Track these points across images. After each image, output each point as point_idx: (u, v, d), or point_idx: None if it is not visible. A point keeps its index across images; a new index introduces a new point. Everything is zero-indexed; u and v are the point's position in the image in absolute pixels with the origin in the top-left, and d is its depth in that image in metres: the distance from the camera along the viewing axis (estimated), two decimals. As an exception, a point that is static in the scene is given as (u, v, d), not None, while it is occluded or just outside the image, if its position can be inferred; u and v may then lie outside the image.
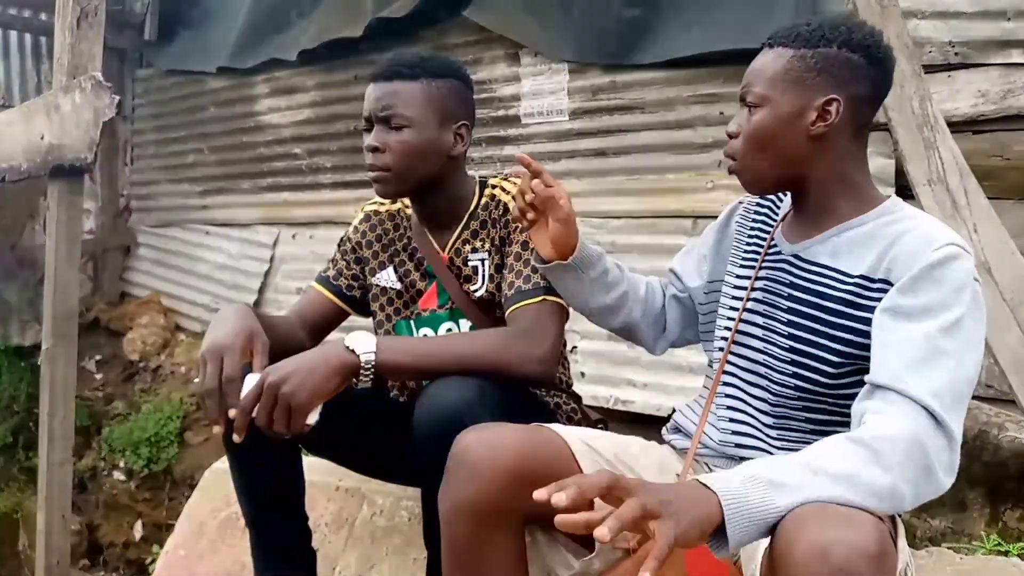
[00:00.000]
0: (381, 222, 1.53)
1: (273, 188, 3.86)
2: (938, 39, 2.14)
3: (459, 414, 1.11)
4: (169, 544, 2.11)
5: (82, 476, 3.84)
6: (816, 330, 1.07)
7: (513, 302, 1.32)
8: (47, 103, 2.76)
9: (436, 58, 1.42)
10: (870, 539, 0.76)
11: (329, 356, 1.18)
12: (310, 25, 3.47)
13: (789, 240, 1.15)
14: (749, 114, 1.08)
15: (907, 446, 0.86)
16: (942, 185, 1.95)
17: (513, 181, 1.44)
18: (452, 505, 1.02)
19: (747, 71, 1.11)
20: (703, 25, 2.42)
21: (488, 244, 1.42)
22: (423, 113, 1.34)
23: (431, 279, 1.47)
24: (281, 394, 1.13)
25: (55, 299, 2.72)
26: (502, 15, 2.86)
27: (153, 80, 4.41)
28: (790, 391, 1.09)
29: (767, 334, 1.13)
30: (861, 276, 1.04)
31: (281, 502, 1.41)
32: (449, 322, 1.46)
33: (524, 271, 1.33)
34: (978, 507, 1.86)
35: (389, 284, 1.50)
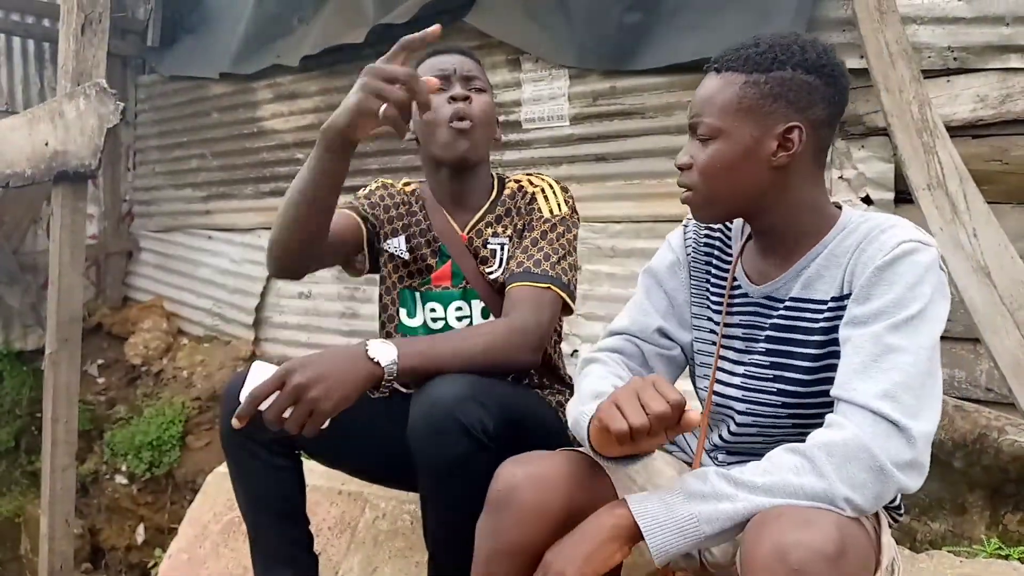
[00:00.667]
0: (396, 195, 1.56)
1: (275, 193, 3.87)
2: (937, 44, 2.15)
3: (451, 411, 1.12)
4: (172, 548, 2.12)
5: (84, 480, 3.84)
6: (800, 367, 1.04)
7: (518, 279, 1.35)
8: (51, 109, 2.78)
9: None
10: (828, 540, 0.77)
11: (357, 366, 1.16)
12: (312, 31, 3.49)
13: (755, 280, 1.10)
14: (702, 145, 1.02)
15: (846, 451, 0.86)
16: (941, 190, 1.96)
17: (541, 176, 1.52)
18: (495, 547, 0.98)
19: (694, 99, 1.03)
20: (702, 30, 2.44)
21: (511, 230, 1.46)
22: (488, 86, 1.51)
23: (444, 258, 1.49)
24: (308, 398, 1.11)
25: (59, 304, 2.73)
26: (503, 21, 2.87)
27: (156, 86, 4.43)
28: (788, 429, 1.07)
29: (748, 381, 1.10)
30: (832, 299, 1.01)
31: (282, 507, 1.41)
32: (460, 301, 1.48)
33: (537, 256, 1.36)
34: (978, 510, 1.86)
35: (398, 252, 1.51)
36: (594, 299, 2.78)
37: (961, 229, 1.92)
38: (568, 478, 0.98)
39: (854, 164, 2.30)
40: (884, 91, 2.03)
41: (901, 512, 1.13)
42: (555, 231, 1.41)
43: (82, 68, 2.59)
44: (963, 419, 1.90)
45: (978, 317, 1.85)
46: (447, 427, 1.11)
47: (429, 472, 1.16)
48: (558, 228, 1.41)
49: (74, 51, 2.58)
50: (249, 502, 1.41)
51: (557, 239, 1.40)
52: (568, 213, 1.44)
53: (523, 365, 1.30)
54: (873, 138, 2.27)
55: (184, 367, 4.04)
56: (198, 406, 3.80)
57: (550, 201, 1.45)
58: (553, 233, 1.40)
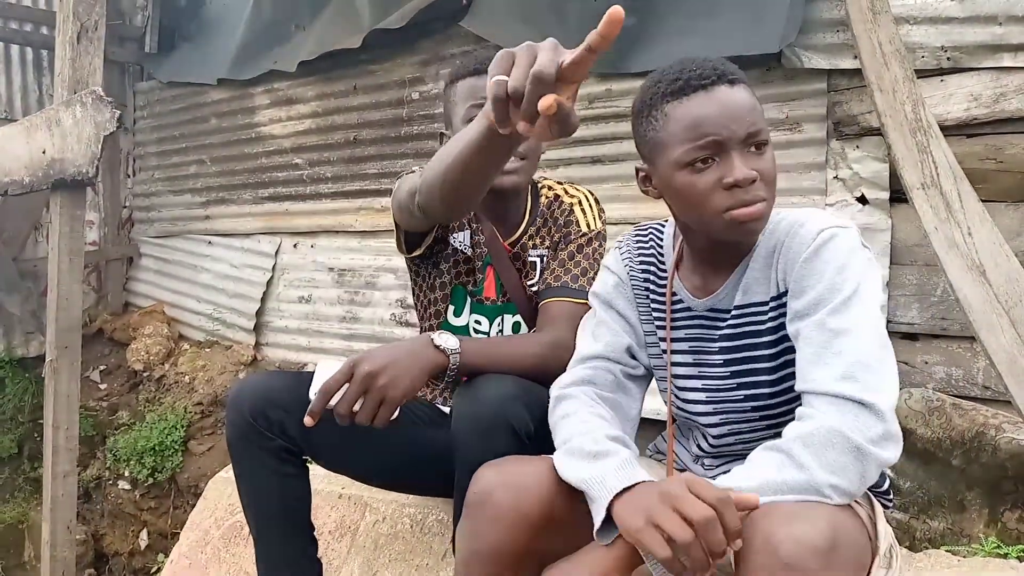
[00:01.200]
0: None
1: (274, 198, 3.88)
2: (930, 44, 2.16)
3: (500, 410, 1.13)
4: (174, 553, 2.12)
5: (87, 486, 3.86)
6: (761, 370, 1.07)
7: (556, 294, 1.36)
8: (48, 117, 2.79)
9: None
10: (818, 533, 0.78)
11: (423, 353, 1.18)
12: (309, 36, 3.50)
13: (696, 295, 1.12)
14: (758, 155, 1.00)
15: (821, 438, 0.88)
16: (936, 189, 1.96)
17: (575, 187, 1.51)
18: (473, 549, 0.98)
19: (734, 112, 0.99)
20: (696, 33, 2.44)
21: (548, 241, 1.47)
22: None
23: (486, 266, 1.50)
24: (377, 386, 1.11)
25: (58, 311, 2.74)
26: (498, 25, 2.88)
27: (154, 92, 4.44)
28: (763, 432, 1.09)
29: (712, 395, 1.12)
30: (772, 299, 1.05)
31: (287, 514, 1.41)
32: (503, 313, 1.50)
33: (574, 271, 1.39)
34: (977, 508, 1.87)
35: (462, 247, 1.51)
36: (592, 301, 2.79)
37: (956, 228, 1.92)
38: (546, 482, 0.99)
39: (849, 164, 2.31)
40: (878, 91, 2.04)
41: (891, 497, 1.14)
42: (591, 246, 1.43)
43: (79, 76, 2.60)
44: (960, 417, 1.91)
45: (973, 315, 1.86)
46: (495, 425, 1.12)
47: (471, 468, 1.16)
48: (593, 243, 1.43)
49: (70, 59, 2.59)
50: (254, 508, 1.41)
51: (592, 254, 1.42)
52: (602, 228, 1.47)
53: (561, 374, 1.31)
54: (868, 138, 2.27)
55: (186, 372, 4.05)
56: (200, 411, 3.81)
57: (587, 215, 1.47)
58: (589, 247, 1.42)
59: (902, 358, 2.23)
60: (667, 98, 1.02)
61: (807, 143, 2.37)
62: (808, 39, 2.29)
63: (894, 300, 2.24)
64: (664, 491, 0.83)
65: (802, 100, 2.36)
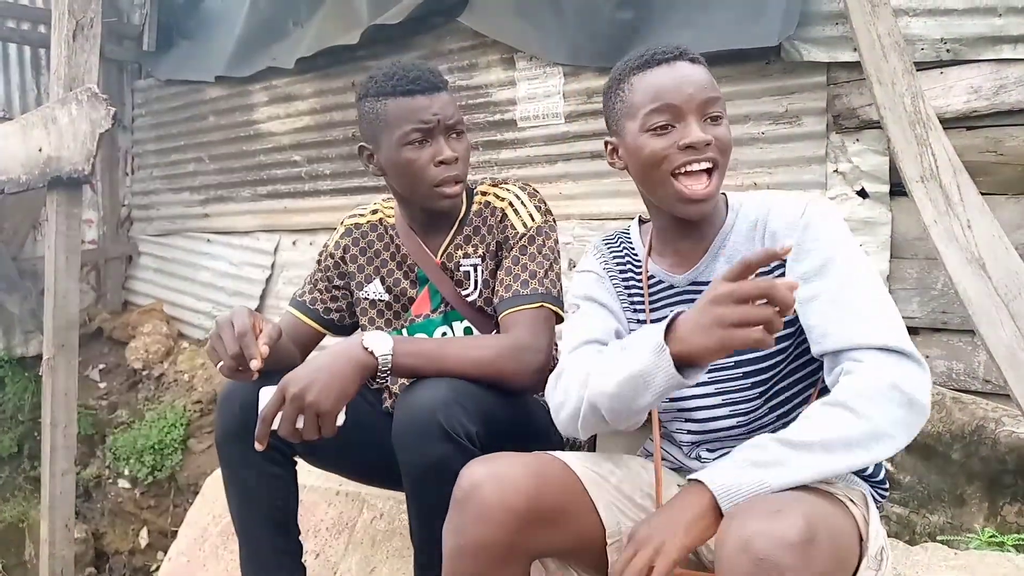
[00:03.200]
0: (364, 235, 1.53)
1: (273, 195, 3.88)
2: (929, 36, 2.15)
3: (436, 416, 1.12)
4: (172, 551, 2.12)
5: (87, 484, 3.86)
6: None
7: (509, 305, 1.33)
8: (44, 116, 2.78)
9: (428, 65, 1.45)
10: (792, 528, 0.78)
11: (350, 357, 1.18)
12: (307, 33, 3.49)
13: (674, 271, 1.16)
14: (714, 123, 1.07)
15: (881, 390, 0.91)
16: (935, 182, 1.95)
17: (504, 187, 1.45)
18: (459, 544, 0.98)
19: (690, 85, 1.06)
20: (694, 26, 2.43)
21: (482, 249, 1.43)
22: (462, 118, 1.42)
23: (422, 284, 1.47)
24: (307, 404, 1.12)
25: (55, 310, 2.74)
26: (496, 20, 2.87)
27: (152, 90, 4.43)
28: (751, 392, 1.11)
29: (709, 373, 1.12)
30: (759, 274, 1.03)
31: (274, 515, 1.41)
32: (443, 326, 1.46)
33: (522, 276, 1.34)
34: (976, 502, 1.86)
35: (377, 296, 1.50)
36: (591, 296, 2.78)
37: (955, 221, 1.91)
38: (533, 477, 0.98)
39: (849, 157, 2.30)
40: (877, 84, 2.03)
41: (886, 487, 1.14)
42: (533, 244, 1.38)
43: (74, 74, 2.59)
44: (960, 411, 1.90)
45: (973, 309, 1.85)
46: (428, 430, 1.11)
47: (410, 474, 1.17)
48: (536, 240, 1.38)
49: (66, 57, 2.59)
50: (241, 508, 1.40)
51: (538, 252, 1.37)
52: (542, 220, 1.41)
53: (525, 385, 1.29)
54: (867, 131, 2.26)
55: (185, 371, 4.04)
56: (199, 409, 3.81)
57: (521, 214, 1.41)
58: (532, 247, 1.38)
59: (902, 352, 2.22)
60: (633, 71, 1.11)
61: (807, 137, 2.36)
62: (807, 32, 2.28)
63: (894, 294, 2.23)
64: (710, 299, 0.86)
65: (801, 93, 2.35)
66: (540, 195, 1.46)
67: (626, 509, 1.06)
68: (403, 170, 1.36)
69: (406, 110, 1.33)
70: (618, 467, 1.11)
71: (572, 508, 1.00)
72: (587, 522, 1.03)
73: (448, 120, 1.35)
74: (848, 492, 0.98)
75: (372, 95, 1.37)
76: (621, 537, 1.02)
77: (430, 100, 1.34)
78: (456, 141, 1.37)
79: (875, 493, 1.11)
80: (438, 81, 1.37)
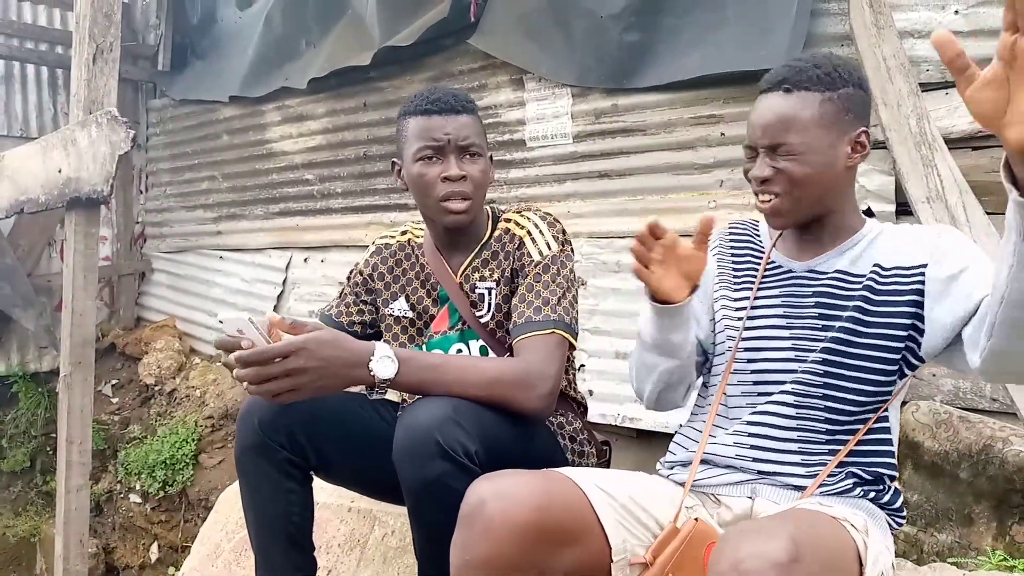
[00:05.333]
0: (392, 254, 1.58)
1: (285, 213, 3.92)
2: (934, 58, 2.17)
3: (433, 434, 1.14)
4: (184, 567, 2.14)
5: (99, 499, 3.88)
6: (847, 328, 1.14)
7: (522, 331, 1.34)
8: (64, 137, 2.83)
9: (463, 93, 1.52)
10: (780, 549, 0.82)
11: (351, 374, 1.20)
12: (319, 54, 3.55)
13: (797, 258, 1.24)
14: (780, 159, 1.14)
15: None
16: (941, 202, 1.97)
17: (526, 216, 1.49)
18: (466, 560, 0.99)
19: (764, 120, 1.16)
20: (702, 48, 2.46)
21: (497, 274, 1.46)
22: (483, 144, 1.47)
23: (443, 302, 1.51)
24: (295, 383, 1.16)
25: (72, 327, 2.78)
26: (506, 42, 2.92)
27: (167, 109, 4.50)
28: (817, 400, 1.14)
29: (798, 343, 1.18)
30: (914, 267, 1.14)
31: (289, 531, 1.42)
32: (459, 343, 1.49)
33: (535, 303, 1.37)
34: (985, 521, 1.86)
35: (402, 313, 1.54)
36: (600, 314, 2.80)
37: (961, 241, 1.93)
38: (541, 494, 1.00)
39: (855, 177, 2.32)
40: (882, 105, 2.05)
41: (903, 514, 1.15)
42: (548, 272, 1.40)
43: (94, 96, 2.65)
44: (968, 430, 1.90)
45: (980, 328, 1.86)
46: (426, 449, 1.13)
47: (410, 492, 1.19)
48: (551, 268, 1.41)
49: (86, 80, 2.64)
50: (257, 522, 1.42)
51: (552, 280, 1.40)
52: (559, 250, 1.43)
53: (532, 410, 1.29)
54: (873, 151, 2.27)
55: (197, 386, 4.08)
56: (211, 425, 3.84)
57: (538, 243, 1.44)
58: (547, 275, 1.40)
59: (910, 371, 2.23)
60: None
61: (812, 157, 2.38)
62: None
63: (901, 313, 2.24)
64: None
65: (807, 114, 2.37)
66: (560, 225, 1.49)
67: (632, 527, 1.07)
68: (415, 183, 1.43)
69: (422, 128, 1.41)
70: (628, 484, 1.13)
71: (579, 526, 1.01)
72: (594, 540, 1.04)
73: (461, 141, 1.41)
74: (850, 517, 0.99)
75: (402, 114, 1.47)
76: (627, 555, 1.03)
77: (445, 120, 1.41)
78: (469, 162, 1.42)
79: (891, 520, 1.12)
80: (458, 104, 1.43)
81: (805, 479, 1.11)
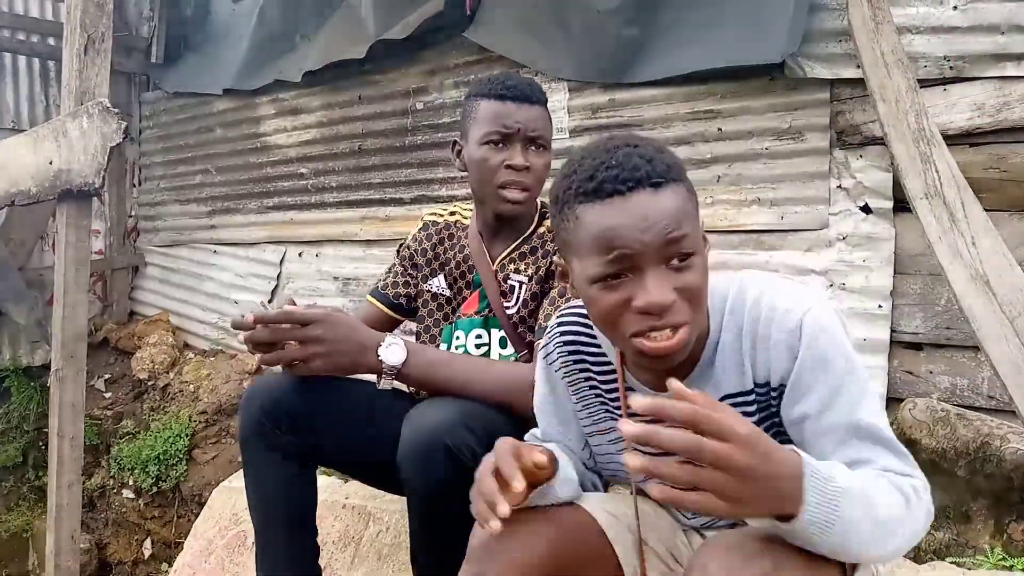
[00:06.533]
0: (439, 231, 1.60)
1: (279, 207, 3.90)
2: (933, 54, 2.16)
3: (442, 436, 1.13)
4: (178, 563, 2.13)
5: (91, 494, 3.86)
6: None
7: (541, 335, 1.34)
8: (55, 129, 2.80)
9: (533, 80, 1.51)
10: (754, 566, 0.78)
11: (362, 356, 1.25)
12: (314, 47, 3.52)
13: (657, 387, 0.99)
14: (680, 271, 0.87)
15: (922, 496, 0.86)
16: (939, 199, 1.96)
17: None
18: None
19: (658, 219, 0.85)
20: (700, 43, 2.45)
21: (532, 270, 1.46)
22: (550, 137, 1.46)
23: (476, 287, 1.52)
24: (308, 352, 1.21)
25: (64, 321, 2.75)
26: (502, 35, 2.90)
27: (160, 102, 4.46)
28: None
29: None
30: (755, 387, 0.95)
31: (292, 516, 1.43)
32: (480, 328, 1.50)
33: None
34: (982, 519, 1.86)
35: (439, 291, 1.56)
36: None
37: (960, 238, 1.92)
38: (552, 529, 0.96)
39: (852, 173, 2.31)
40: (880, 101, 2.04)
41: None
42: None
43: (85, 87, 2.62)
44: (965, 427, 1.90)
45: (977, 325, 1.85)
46: (434, 452, 1.13)
47: (415, 493, 1.18)
48: None
49: (77, 70, 2.61)
50: (260, 507, 1.42)
51: None
52: None
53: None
54: (871, 147, 2.28)
55: (190, 381, 4.05)
56: (204, 420, 3.81)
57: None
58: None
59: (906, 368, 2.23)
60: (579, 199, 0.88)
61: (810, 153, 2.37)
62: (811, 49, 2.30)
63: (898, 309, 2.24)
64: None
65: (805, 110, 2.36)
66: None
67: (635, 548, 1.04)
68: (477, 166, 1.43)
69: (493, 112, 1.41)
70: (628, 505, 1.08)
71: (592, 556, 0.98)
72: (608, 567, 1.01)
73: (530, 132, 1.41)
74: None
75: (473, 94, 1.47)
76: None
77: (518, 108, 1.41)
78: (535, 154, 1.43)
79: None
80: (533, 95, 1.43)
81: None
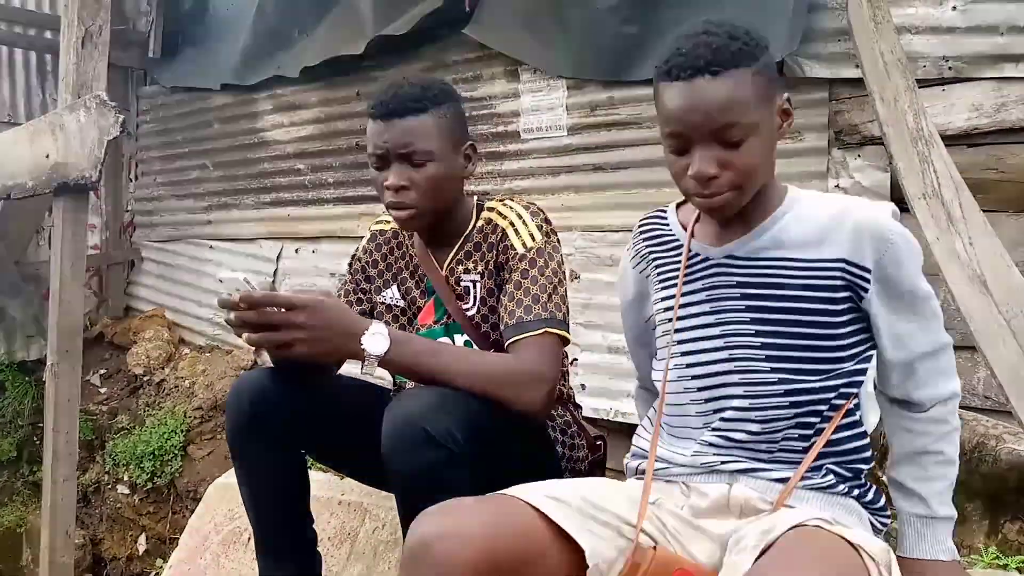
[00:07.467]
0: (387, 241, 1.57)
1: (277, 203, 3.89)
2: (932, 54, 2.16)
3: (421, 423, 1.13)
4: (173, 559, 2.12)
5: (86, 490, 3.85)
6: (786, 320, 1.08)
7: (515, 333, 1.31)
8: (52, 122, 2.79)
9: (433, 84, 1.42)
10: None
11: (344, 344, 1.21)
12: (312, 43, 3.51)
13: (715, 244, 1.15)
14: (729, 147, 1.02)
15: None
16: (937, 199, 1.96)
17: (508, 205, 1.45)
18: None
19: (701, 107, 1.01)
20: (699, 41, 2.45)
21: (481, 267, 1.43)
22: (440, 144, 1.36)
23: (430, 295, 1.49)
24: (292, 336, 1.17)
25: (60, 316, 2.74)
26: (501, 32, 2.89)
27: (157, 97, 4.45)
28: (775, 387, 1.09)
29: (729, 339, 1.12)
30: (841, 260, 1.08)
31: (286, 505, 1.42)
32: (444, 337, 1.47)
33: (525, 300, 1.33)
34: (977, 519, 1.87)
35: (393, 302, 1.53)
36: (593, 308, 2.79)
37: (957, 238, 1.92)
38: (488, 525, 0.94)
39: (850, 173, 2.31)
40: (879, 101, 2.04)
41: (887, 513, 1.13)
42: (535, 267, 1.36)
43: (83, 80, 2.61)
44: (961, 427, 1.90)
45: (974, 326, 1.85)
46: (414, 438, 1.12)
47: (399, 482, 1.18)
48: (537, 262, 1.36)
49: (74, 64, 2.60)
50: (254, 500, 1.41)
51: (540, 274, 1.35)
52: (543, 241, 1.39)
53: (529, 409, 1.27)
54: (869, 147, 2.28)
55: (186, 377, 4.05)
56: (200, 416, 3.81)
57: (521, 234, 1.40)
58: (534, 269, 1.36)
59: (903, 368, 2.23)
60: (660, 77, 1.08)
61: (808, 152, 2.38)
62: (810, 49, 2.30)
63: (895, 309, 2.24)
64: None
65: (804, 109, 2.36)
66: (544, 214, 1.44)
67: (596, 530, 1.01)
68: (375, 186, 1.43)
69: (369, 133, 1.39)
70: (577, 488, 1.07)
71: (537, 545, 0.95)
72: (558, 553, 0.97)
73: (399, 149, 1.34)
74: (869, 548, 0.95)
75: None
76: (599, 560, 0.97)
77: (385, 127, 1.35)
78: (413, 170, 1.35)
79: (876, 521, 1.10)
80: (402, 107, 1.34)
81: (786, 471, 1.07)
